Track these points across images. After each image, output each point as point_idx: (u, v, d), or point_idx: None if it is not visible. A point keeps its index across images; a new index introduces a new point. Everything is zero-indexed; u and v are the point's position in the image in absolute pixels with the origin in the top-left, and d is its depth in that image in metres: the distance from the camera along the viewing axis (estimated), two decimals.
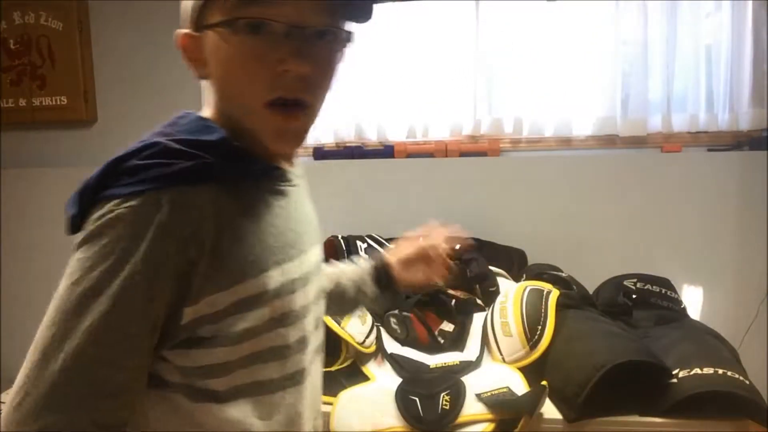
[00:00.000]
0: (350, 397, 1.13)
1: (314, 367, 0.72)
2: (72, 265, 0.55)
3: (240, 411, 0.61)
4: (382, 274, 0.95)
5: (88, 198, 0.57)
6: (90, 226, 0.55)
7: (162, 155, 0.57)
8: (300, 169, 0.77)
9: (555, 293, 1.27)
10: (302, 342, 0.67)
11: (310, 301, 0.69)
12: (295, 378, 0.66)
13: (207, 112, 0.67)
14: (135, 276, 0.53)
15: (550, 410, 1.07)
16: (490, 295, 1.46)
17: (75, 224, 0.58)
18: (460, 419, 1.03)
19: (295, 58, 0.58)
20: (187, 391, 0.60)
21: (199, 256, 0.56)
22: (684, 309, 1.39)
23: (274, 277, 0.62)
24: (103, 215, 0.55)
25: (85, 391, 0.52)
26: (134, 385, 0.56)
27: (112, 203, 0.55)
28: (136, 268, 0.53)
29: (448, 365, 1.20)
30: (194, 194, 0.57)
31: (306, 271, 0.68)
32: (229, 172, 0.60)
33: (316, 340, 0.73)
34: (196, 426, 0.61)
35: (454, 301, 1.42)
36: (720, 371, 1.03)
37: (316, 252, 0.74)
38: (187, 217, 0.55)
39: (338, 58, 0.65)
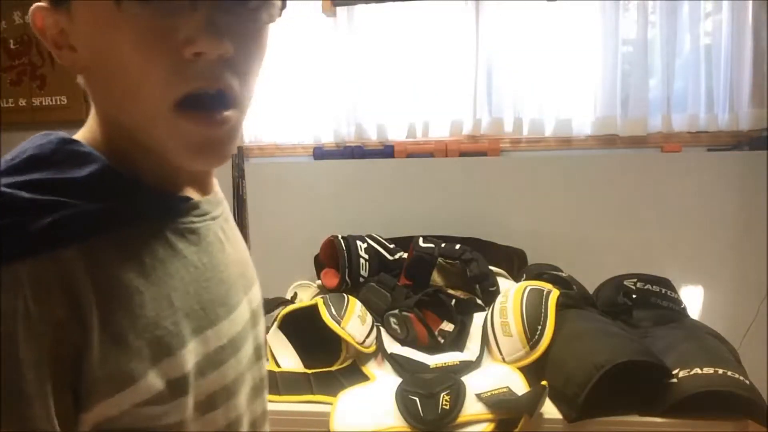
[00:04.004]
0: (350, 397, 1.13)
1: None
2: None
3: None
4: None
5: None
6: None
7: (5, 212, 0.37)
8: (218, 193, 0.56)
9: (555, 293, 1.27)
10: (235, 423, 0.52)
11: (243, 368, 0.53)
12: None
13: (88, 124, 0.49)
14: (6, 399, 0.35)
15: (550, 410, 1.07)
16: (490, 295, 1.46)
17: None
18: (460, 419, 1.03)
19: (208, 34, 0.41)
20: None
21: (85, 347, 0.39)
22: (684, 309, 1.39)
23: (195, 351, 0.46)
24: None
25: None
26: None
27: None
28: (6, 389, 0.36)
29: (448, 365, 1.20)
30: (61, 263, 0.38)
31: (238, 331, 0.52)
32: (113, 220, 0.42)
33: (252, 413, 0.57)
34: None
35: (454, 301, 1.42)
36: (720, 371, 1.03)
37: (253, 299, 0.57)
38: (56, 299, 0.38)
39: (267, 34, 0.47)
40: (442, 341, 1.30)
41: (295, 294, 1.63)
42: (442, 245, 1.58)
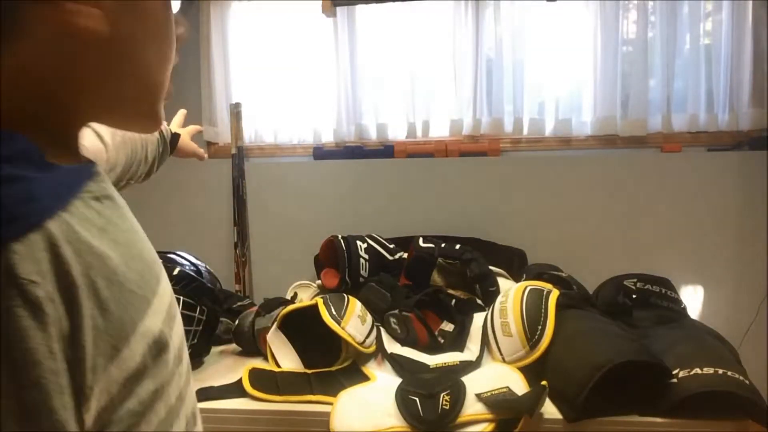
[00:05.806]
0: (350, 397, 1.13)
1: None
2: None
3: None
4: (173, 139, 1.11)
5: None
6: None
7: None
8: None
9: (555, 293, 1.27)
10: (188, 372, 0.52)
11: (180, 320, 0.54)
12: (187, 404, 0.50)
13: None
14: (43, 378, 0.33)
15: (550, 410, 1.07)
16: (490, 295, 1.46)
17: None
18: (460, 419, 1.03)
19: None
20: None
21: (79, 320, 0.36)
22: (684, 309, 1.39)
23: (160, 304, 0.46)
24: None
25: None
26: None
27: None
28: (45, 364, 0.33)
29: (448, 365, 1.20)
30: (49, 234, 0.36)
31: (171, 285, 0.52)
32: (64, 191, 0.41)
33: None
34: None
35: (454, 301, 1.42)
36: (720, 371, 1.03)
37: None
38: (53, 270, 0.35)
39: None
40: (442, 341, 1.30)
41: (295, 294, 1.63)
42: (442, 245, 1.58)
